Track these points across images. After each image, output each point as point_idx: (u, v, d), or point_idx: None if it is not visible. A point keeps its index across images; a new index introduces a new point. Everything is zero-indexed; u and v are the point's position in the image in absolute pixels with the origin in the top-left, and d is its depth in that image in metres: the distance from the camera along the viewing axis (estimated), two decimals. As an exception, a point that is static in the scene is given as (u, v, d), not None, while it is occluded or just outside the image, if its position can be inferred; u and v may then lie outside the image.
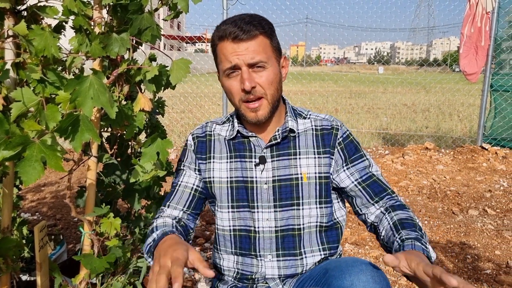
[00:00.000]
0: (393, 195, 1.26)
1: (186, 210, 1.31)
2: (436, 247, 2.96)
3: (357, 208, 1.30)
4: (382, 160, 5.41)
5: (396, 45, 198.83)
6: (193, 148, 1.35)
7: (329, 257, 1.29)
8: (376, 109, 11.50)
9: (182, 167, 1.37)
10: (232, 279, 1.32)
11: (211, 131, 1.36)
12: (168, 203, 1.32)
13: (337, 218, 1.32)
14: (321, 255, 1.27)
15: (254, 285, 1.29)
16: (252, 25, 1.15)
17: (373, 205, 1.26)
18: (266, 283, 1.27)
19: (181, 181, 1.34)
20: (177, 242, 1.00)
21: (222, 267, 1.33)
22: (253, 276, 1.27)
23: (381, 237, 1.19)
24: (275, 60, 1.22)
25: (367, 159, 1.30)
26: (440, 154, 5.70)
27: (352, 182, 1.27)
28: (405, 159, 5.44)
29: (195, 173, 1.34)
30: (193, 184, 1.33)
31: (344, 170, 1.28)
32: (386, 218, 1.20)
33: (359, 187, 1.26)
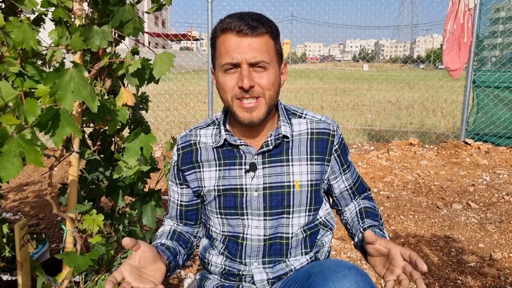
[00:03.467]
0: (369, 192, 1.41)
1: (179, 222, 1.38)
2: (421, 241, 2.99)
3: (341, 207, 1.39)
4: (368, 156, 5.45)
5: (381, 42, 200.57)
6: (176, 161, 1.30)
7: (316, 255, 1.28)
8: (361, 106, 11.58)
9: (170, 181, 1.37)
10: (219, 277, 1.31)
11: (195, 140, 1.28)
12: (168, 214, 1.41)
13: (327, 219, 1.32)
14: (307, 256, 1.26)
15: (241, 285, 1.27)
16: (259, 23, 1.09)
17: (353, 202, 1.38)
18: (254, 283, 1.25)
19: (171, 196, 1.38)
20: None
21: (210, 261, 1.31)
22: (240, 273, 1.26)
23: (346, 218, 1.36)
24: (277, 64, 1.16)
25: (350, 162, 1.35)
26: (424, 150, 5.76)
27: (345, 187, 1.34)
28: (390, 154, 5.49)
29: (179, 188, 1.33)
30: (177, 200, 1.35)
31: (341, 176, 1.32)
32: (354, 204, 1.36)
33: (350, 191, 1.35)
